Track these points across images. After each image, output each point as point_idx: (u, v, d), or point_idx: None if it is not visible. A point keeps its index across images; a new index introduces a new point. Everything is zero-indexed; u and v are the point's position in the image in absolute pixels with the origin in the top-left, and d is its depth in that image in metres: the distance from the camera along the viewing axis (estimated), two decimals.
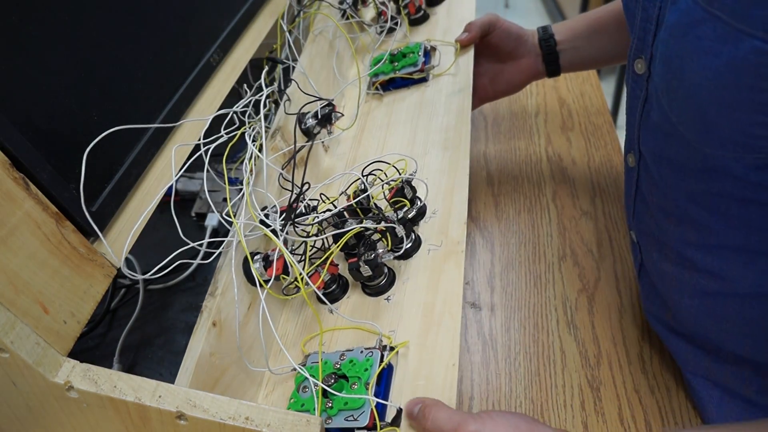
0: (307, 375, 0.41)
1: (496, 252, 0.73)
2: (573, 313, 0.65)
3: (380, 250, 0.48)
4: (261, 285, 0.45)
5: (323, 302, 0.51)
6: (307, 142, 0.58)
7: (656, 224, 0.50)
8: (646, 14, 0.44)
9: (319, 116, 0.59)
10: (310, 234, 0.49)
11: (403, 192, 0.53)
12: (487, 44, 0.75)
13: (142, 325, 0.64)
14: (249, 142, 0.51)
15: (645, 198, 0.51)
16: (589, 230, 0.74)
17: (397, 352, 0.44)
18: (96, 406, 0.36)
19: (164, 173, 0.48)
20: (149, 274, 0.43)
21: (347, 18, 0.77)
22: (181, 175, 0.48)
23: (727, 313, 0.46)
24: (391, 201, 0.53)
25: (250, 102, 0.55)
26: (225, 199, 0.74)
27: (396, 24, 0.79)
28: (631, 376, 0.58)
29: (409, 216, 0.51)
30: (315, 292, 0.50)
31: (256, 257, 0.47)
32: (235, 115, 0.53)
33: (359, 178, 0.53)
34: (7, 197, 0.34)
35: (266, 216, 0.49)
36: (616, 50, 0.71)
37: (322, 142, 0.58)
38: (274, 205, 0.50)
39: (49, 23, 0.39)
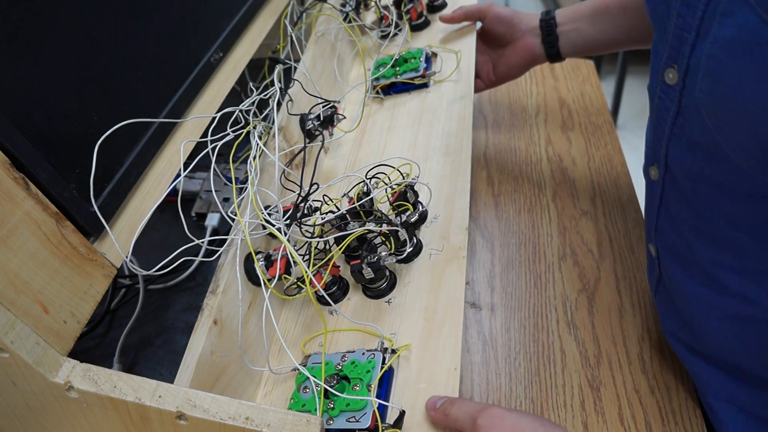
0: (309, 375, 0.41)
1: (496, 252, 0.73)
2: (573, 313, 0.65)
3: (383, 253, 0.48)
4: (265, 283, 0.45)
5: (325, 303, 0.50)
6: (309, 143, 0.58)
7: (684, 242, 0.47)
8: (683, 21, 0.41)
9: (322, 118, 0.59)
10: (314, 235, 0.49)
11: (405, 196, 0.53)
12: (483, 31, 0.78)
13: (142, 325, 0.64)
14: (255, 140, 0.51)
15: (672, 214, 0.49)
16: (589, 230, 0.74)
17: (399, 355, 0.44)
18: (96, 406, 0.36)
19: (164, 173, 0.48)
20: (153, 270, 0.43)
21: (349, 21, 0.77)
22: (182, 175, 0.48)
23: (759, 337, 0.44)
24: (393, 204, 0.53)
25: (255, 101, 0.55)
26: (226, 199, 0.74)
27: (399, 30, 0.79)
28: (631, 376, 0.58)
29: (412, 220, 0.51)
30: (315, 293, 0.50)
31: (257, 256, 0.47)
32: (240, 113, 0.53)
33: (363, 181, 0.53)
34: (7, 197, 0.34)
35: (269, 215, 0.49)
36: (620, 34, 0.70)
37: (323, 143, 0.58)
38: (276, 205, 0.50)
39: (49, 23, 0.39)
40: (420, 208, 0.54)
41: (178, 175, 0.49)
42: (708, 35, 0.38)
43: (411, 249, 0.50)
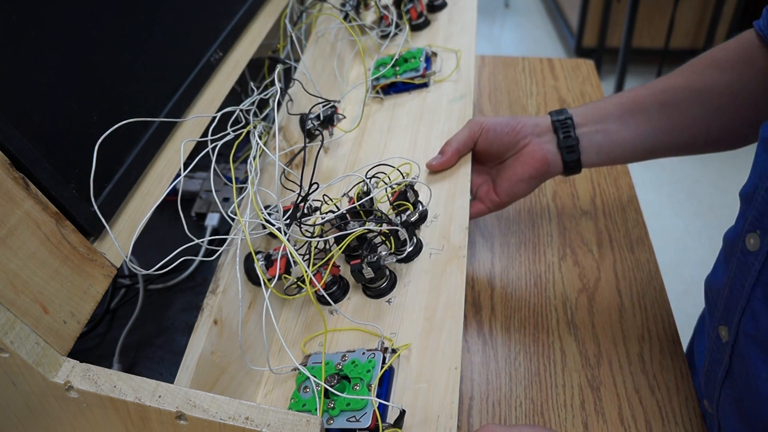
0: (310, 375, 0.41)
1: (496, 252, 0.73)
2: (573, 313, 0.65)
3: (383, 253, 0.48)
4: (265, 283, 0.45)
5: (325, 303, 0.51)
6: (309, 143, 0.58)
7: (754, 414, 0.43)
8: None
9: (322, 117, 0.59)
10: (314, 234, 0.49)
11: (405, 195, 0.53)
12: (478, 150, 0.62)
13: (142, 325, 0.64)
14: (255, 140, 0.51)
15: (736, 383, 0.46)
16: (589, 230, 0.74)
17: (399, 354, 0.44)
18: (96, 406, 0.36)
19: (164, 173, 0.48)
20: (153, 270, 0.43)
21: (349, 21, 0.77)
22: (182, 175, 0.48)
23: None
24: (393, 204, 0.53)
25: (255, 101, 0.55)
26: (226, 199, 0.74)
27: (399, 29, 0.79)
28: (631, 376, 0.58)
29: (412, 219, 0.52)
30: (315, 292, 0.50)
31: (257, 256, 0.47)
32: (240, 113, 0.53)
33: (363, 180, 0.53)
34: (6, 197, 0.34)
35: (269, 215, 0.49)
36: (661, 136, 0.56)
37: (322, 143, 0.58)
38: (276, 205, 0.50)
39: (49, 23, 0.39)
40: (420, 207, 0.54)
41: (178, 175, 0.49)
42: None
43: (411, 248, 0.50)
